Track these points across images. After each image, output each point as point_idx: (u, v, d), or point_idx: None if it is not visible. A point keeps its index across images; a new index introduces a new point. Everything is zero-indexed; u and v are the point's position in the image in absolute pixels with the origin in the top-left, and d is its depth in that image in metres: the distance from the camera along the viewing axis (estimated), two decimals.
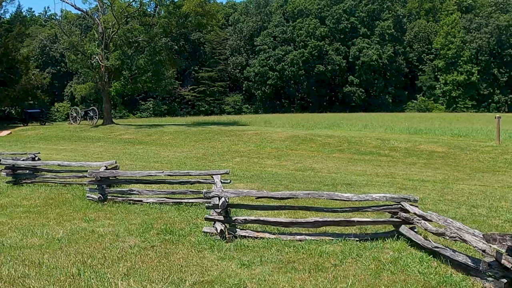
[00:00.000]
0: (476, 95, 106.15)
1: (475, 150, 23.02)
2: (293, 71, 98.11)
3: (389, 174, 18.11)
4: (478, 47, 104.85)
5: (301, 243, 8.69)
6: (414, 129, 34.87)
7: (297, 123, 43.83)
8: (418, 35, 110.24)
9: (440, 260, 7.68)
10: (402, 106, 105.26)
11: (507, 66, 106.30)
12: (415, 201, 8.98)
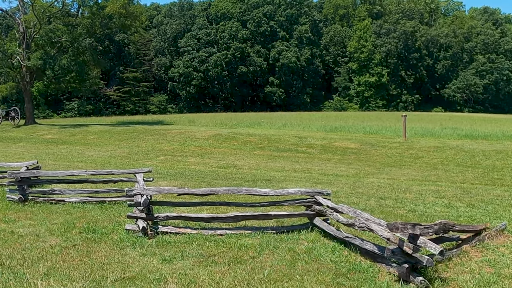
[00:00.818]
0: (386, 95, 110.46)
1: (384, 146, 23.95)
2: (216, 72, 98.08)
3: (306, 169, 18.49)
4: (387, 51, 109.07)
5: (222, 237, 8.71)
6: (330, 127, 35.78)
7: (220, 122, 43.86)
8: (333, 39, 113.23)
9: (350, 249, 7.94)
10: (319, 105, 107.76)
11: (413, 68, 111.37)
12: (328, 195, 9.25)
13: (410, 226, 6.62)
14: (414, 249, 6.53)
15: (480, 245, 8.01)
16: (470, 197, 12.05)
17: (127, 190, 9.27)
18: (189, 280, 6.73)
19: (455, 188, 13.64)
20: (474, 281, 6.70)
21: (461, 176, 16.31)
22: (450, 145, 24.27)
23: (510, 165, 18.36)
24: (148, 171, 11.94)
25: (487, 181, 15.36)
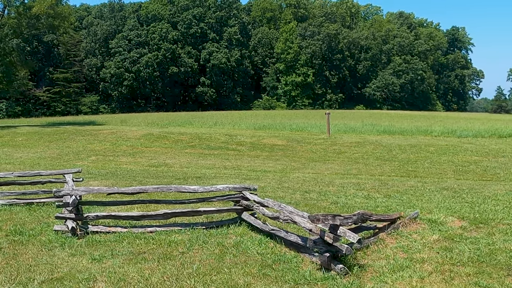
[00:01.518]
0: (312, 94, 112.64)
1: (310, 143, 24.44)
2: (148, 72, 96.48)
3: (236, 166, 18.57)
4: (312, 52, 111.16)
5: (152, 235, 8.60)
6: (259, 125, 36.08)
7: (152, 121, 43.19)
8: (261, 40, 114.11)
9: (276, 241, 8.05)
10: (249, 104, 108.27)
11: (336, 69, 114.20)
12: (255, 190, 9.33)
13: (330, 217, 6.79)
14: (334, 239, 6.71)
15: (395, 233, 8.33)
16: (387, 188, 12.51)
17: (55, 191, 8.95)
18: (119, 277, 6.60)
19: (374, 181, 14.12)
20: (389, 266, 6.97)
21: (380, 169, 16.91)
22: (370, 140, 25.12)
23: (423, 158, 19.24)
24: (77, 171, 11.58)
25: (403, 173, 16.02)
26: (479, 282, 6.37)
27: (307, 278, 6.61)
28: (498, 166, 16.81)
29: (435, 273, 6.72)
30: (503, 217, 9.23)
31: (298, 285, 6.43)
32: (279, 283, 6.51)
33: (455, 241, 7.92)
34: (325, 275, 6.64)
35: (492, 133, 27.84)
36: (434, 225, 8.76)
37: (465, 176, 15.15)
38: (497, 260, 7.09)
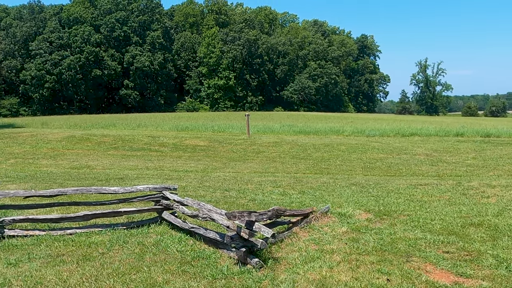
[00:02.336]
0: (234, 96, 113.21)
1: (230, 143, 24.52)
2: (70, 75, 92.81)
3: (158, 167, 18.26)
4: (233, 57, 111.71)
5: (72, 237, 8.27)
6: (182, 126, 35.69)
7: (75, 124, 41.50)
8: (184, 45, 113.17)
9: (196, 238, 8.01)
10: (173, 107, 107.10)
11: (256, 73, 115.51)
12: (175, 189, 9.22)
13: (246, 214, 6.85)
14: (250, 234, 6.78)
15: (308, 226, 8.54)
16: (301, 185, 12.79)
17: None
18: (35, 281, 6.29)
19: (290, 178, 14.39)
20: (301, 258, 7.13)
21: (295, 167, 17.26)
22: (287, 140, 25.60)
23: (335, 156, 19.86)
24: None
25: (316, 170, 16.45)
26: (382, 269, 6.66)
27: (224, 272, 6.63)
28: (401, 163, 17.69)
29: (343, 262, 6.95)
30: (404, 209, 9.73)
31: (216, 280, 6.43)
32: (197, 278, 6.47)
33: (362, 232, 8.25)
34: (242, 269, 6.69)
35: (396, 132, 29.26)
36: (343, 218, 9.08)
37: (372, 172, 15.80)
38: (398, 248, 7.45)
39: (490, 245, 7.47)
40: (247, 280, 6.39)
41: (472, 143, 24.24)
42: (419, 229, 8.32)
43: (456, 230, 8.23)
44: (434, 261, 6.93)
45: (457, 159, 18.49)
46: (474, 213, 9.33)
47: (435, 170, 16.02)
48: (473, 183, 12.65)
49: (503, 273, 6.49)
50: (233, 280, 6.43)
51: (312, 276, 6.52)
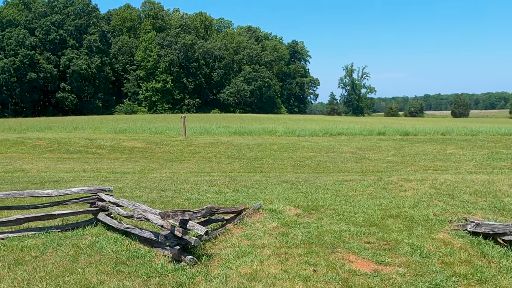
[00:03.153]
0: (171, 99, 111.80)
1: (167, 144, 24.16)
2: (4, 78, 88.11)
3: (95, 169, 17.68)
4: (170, 61, 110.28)
5: (3, 241, 7.85)
6: (120, 129, 34.76)
7: (9, 127, 39.36)
8: (122, 48, 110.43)
9: (131, 238, 7.83)
10: (111, 109, 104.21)
11: (193, 76, 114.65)
12: (110, 191, 8.98)
13: (180, 213, 6.78)
14: (184, 232, 6.72)
15: (241, 223, 8.57)
16: (236, 183, 12.82)
17: None
18: None
19: (225, 177, 14.38)
20: (234, 253, 7.16)
21: (230, 166, 17.27)
22: (223, 141, 25.58)
23: (268, 155, 20.06)
24: None
25: (250, 169, 16.53)
26: (309, 260, 6.81)
27: (159, 270, 6.53)
28: (329, 160, 18.14)
29: (273, 256, 7.04)
30: (330, 204, 9.98)
31: (150, 278, 6.32)
32: (132, 278, 6.34)
33: (291, 227, 8.38)
34: (176, 267, 6.62)
35: (325, 132, 29.96)
36: (274, 214, 9.18)
37: (302, 170, 16.09)
38: (324, 240, 7.64)
39: (406, 235, 7.81)
40: (181, 277, 6.33)
41: (393, 141, 25.27)
42: (343, 222, 8.56)
43: (377, 222, 8.54)
44: (356, 251, 7.16)
45: (379, 156, 19.21)
46: (392, 206, 9.72)
47: (359, 166, 16.55)
48: (392, 178, 13.17)
49: (417, 259, 6.82)
50: (167, 277, 6.35)
51: (244, 270, 6.55)
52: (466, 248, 7.12)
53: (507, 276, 6.14)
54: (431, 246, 7.27)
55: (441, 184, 11.98)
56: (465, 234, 7.62)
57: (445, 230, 7.94)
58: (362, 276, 6.25)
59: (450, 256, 6.84)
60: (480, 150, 20.67)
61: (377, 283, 6.04)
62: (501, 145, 22.57)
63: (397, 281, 6.09)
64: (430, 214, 8.95)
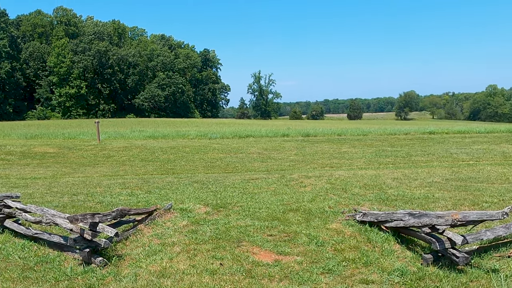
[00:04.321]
0: (86, 104, 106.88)
1: (81, 149, 22.99)
2: None
3: (4, 175, 16.37)
4: (84, 67, 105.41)
5: None
6: (31, 134, 32.51)
7: None
8: (33, 54, 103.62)
9: (40, 244, 7.37)
10: (23, 115, 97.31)
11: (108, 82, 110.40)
12: (17, 197, 8.38)
13: (89, 216, 6.49)
14: (93, 235, 6.44)
15: (152, 223, 8.38)
16: (148, 185, 12.51)
17: None
18: None
19: (138, 179, 13.98)
20: (145, 252, 6.98)
21: (144, 169, 16.82)
22: (137, 144, 24.85)
23: (180, 157, 19.79)
24: None
25: (163, 171, 16.22)
26: (216, 255, 6.82)
27: (68, 274, 6.20)
28: (237, 161, 18.30)
29: (182, 252, 6.97)
30: (238, 201, 10.07)
31: (59, 282, 5.98)
32: (39, 283, 5.95)
33: (200, 224, 8.35)
34: (86, 269, 6.32)
35: (235, 135, 30.18)
36: (184, 213, 9.09)
37: (213, 170, 16.08)
38: (231, 235, 7.70)
39: (304, 226, 8.10)
40: (91, 278, 6.06)
41: (295, 142, 26.06)
42: (249, 218, 8.68)
43: (279, 216, 8.76)
44: (260, 243, 7.29)
45: (283, 156, 19.72)
46: (293, 201, 10.02)
47: (264, 166, 16.88)
48: (294, 175, 13.58)
49: (313, 248, 7.09)
50: (77, 280, 6.05)
51: (153, 268, 6.42)
52: (355, 235, 7.53)
53: (388, 258, 6.59)
54: (325, 235, 7.60)
55: (336, 179, 12.57)
56: (354, 223, 8.04)
57: (338, 221, 8.32)
58: (264, 267, 6.38)
59: (341, 244, 7.20)
60: (370, 148, 21.97)
61: (277, 272, 6.20)
62: (387, 144, 24.17)
63: (295, 269, 6.29)
64: (325, 207, 9.34)
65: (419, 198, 10.13)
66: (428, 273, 5.99)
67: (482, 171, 13.90)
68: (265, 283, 5.87)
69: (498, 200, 9.79)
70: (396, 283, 5.78)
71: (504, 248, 6.85)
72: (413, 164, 16.50)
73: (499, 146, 22.00)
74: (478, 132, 30.49)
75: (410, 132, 30.84)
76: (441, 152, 20.00)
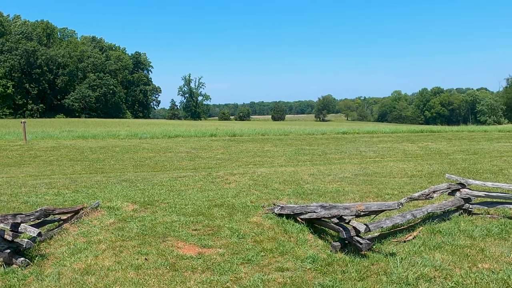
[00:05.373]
0: (13, 104, 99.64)
1: (6, 149, 21.37)
2: None
3: None
4: (11, 66, 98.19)
5: None
6: None
7: None
8: None
9: None
10: None
11: (37, 82, 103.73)
12: None
13: (11, 217, 6.07)
14: (14, 236, 6.03)
15: (78, 222, 8.02)
16: (76, 184, 11.93)
17: None
18: None
19: (65, 179, 13.27)
20: (69, 251, 6.66)
21: (72, 168, 15.98)
22: (65, 144, 23.57)
23: (110, 157, 19.03)
24: None
25: (92, 170, 15.51)
26: (141, 250, 6.66)
27: None
28: (166, 160, 17.95)
29: (108, 250, 6.72)
30: (164, 198, 9.90)
31: None
32: None
33: (127, 221, 8.11)
34: (6, 270, 5.89)
35: (164, 135, 29.54)
36: (112, 211, 8.78)
37: (142, 169, 15.64)
38: (157, 231, 7.55)
39: (227, 220, 8.14)
40: (12, 279, 5.66)
41: (222, 141, 26.06)
42: (175, 214, 8.56)
43: (204, 211, 8.73)
44: (185, 238, 7.22)
45: (210, 155, 19.64)
46: (218, 196, 10.04)
47: (192, 164, 16.72)
48: (220, 173, 13.60)
49: (235, 240, 7.15)
50: None
51: (78, 265, 6.13)
52: (273, 227, 7.69)
53: (302, 247, 6.80)
54: (246, 228, 7.69)
55: (258, 176, 12.75)
56: (273, 216, 8.21)
57: (258, 214, 8.45)
58: (188, 260, 6.33)
59: (260, 235, 7.32)
60: (290, 147, 22.52)
61: (200, 264, 6.18)
62: (305, 143, 24.91)
63: (217, 261, 6.31)
64: (248, 202, 9.45)
65: (331, 192, 10.56)
66: (336, 259, 6.26)
67: (386, 166, 14.78)
68: (188, 275, 5.82)
69: (398, 192, 10.46)
70: (308, 269, 5.98)
71: (401, 234, 7.34)
72: (328, 161, 17.15)
73: (401, 145, 23.51)
74: (384, 132, 32.35)
75: (326, 132, 32.03)
76: (352, 150, 20.98)
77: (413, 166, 14.93)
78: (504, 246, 6.69)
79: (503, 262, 6.03)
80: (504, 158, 17.05)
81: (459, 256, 6.30)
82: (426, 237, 7.20)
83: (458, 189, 8.43)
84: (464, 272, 5.73)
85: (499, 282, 5.41)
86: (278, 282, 5.60)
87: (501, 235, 7.20)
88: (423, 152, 20.09)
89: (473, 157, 17.59)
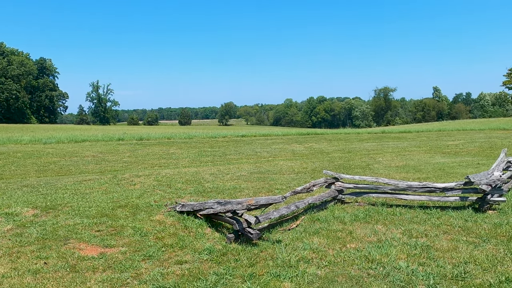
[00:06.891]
0: None
1: None
2: None
3: None
4: None
5: None
6: None
7: None
8: None
9: None
10: None
11: None
12: None
13: None
14: None
15: None
16: None
17: None
18: None
19: None
20: None
21: None
22: None
23: (11, 162, 17.06)
24: None
25: None
26: (41, 255, 6.11)
27: None
28: (72, 164, 16.65)
29: (4, 256, 6.05)
30: (68, 201, 9.19)
31: None
32: None
33: (27, 227, 7.38)
34: None
35: (71, 139, 27.38)
36: (10, 217, 7.93)
37: (45, 174, 14.31)
38: (58, 235, 6.98)
39: (131, 220, 7.81)
40: None
41: (129, 145, 24.92)
42: (78, 216, 8.00)
43: (108, 212, 8.28)
44: (87, 240, 6.78)
45: (117, 158, 18.66)
46: (123, 198, 9.59)
47: (99, 167, 15.74)
48: (125, 175, 13.01)
49: (137, 238, 6.89)
50: None
51: None
52: (175, 224, 7.57)
53: (200, 240, 6.79)
54: (149, 226, 7.45)
55: (163, 177, 12.45)
56: (175, 214, 8.07)
57: (161, 213, 8.25)
58: (89, 260, 5.95)
59: (162, 232, 7.15)
60: (193, 149, 22.33)
61: (102, 264, 5.84)
62: (208, 145, 24.90)
63: (119, 259, 6.02)
64: (151, 202, 9.18)
65: (229, 189, 10.70)
66: (230, 249, 6.36)
67: (277, 165, 15.39)
68: (89, 275, 5.47)
69: (286, 187, 10.95)
70: (205, 260, 5.99)
71: (286, 224, 7.69)
72: (227, 162, 17.34)
73: (290, 146, 24.66)
74: (277, 135, 33.64)
75: (227, 135, 32.36)
76: (249, 151, 21.47)
77: (299, 164, 15.75)
78: (367, 228, 7.37)
79: (366, 242, 6.64)
80: (371, 155, 18.80)
81: (332, 239, 6.79)
82: (307, 224, 7.64)
83: (333, 182, 9.09)
84: (336, 252, 6.20)
85: (362, 258, 5.95)
86: (176, 274, 5.52)
87: (366, 219, 7.92)
88: (308, 152, 21.29)
89: (347, 155, 19.10)
